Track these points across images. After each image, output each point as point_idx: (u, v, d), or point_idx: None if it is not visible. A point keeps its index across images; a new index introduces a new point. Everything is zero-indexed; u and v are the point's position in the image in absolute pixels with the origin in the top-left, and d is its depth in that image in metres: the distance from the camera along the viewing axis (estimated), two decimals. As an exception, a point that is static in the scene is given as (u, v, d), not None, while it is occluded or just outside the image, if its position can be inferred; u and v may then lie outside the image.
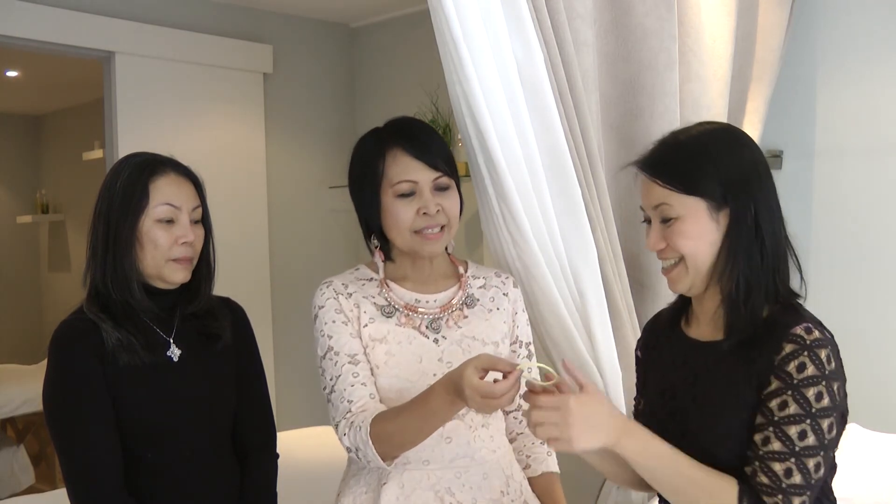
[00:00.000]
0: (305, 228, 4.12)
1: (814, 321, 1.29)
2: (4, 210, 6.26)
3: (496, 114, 1.66)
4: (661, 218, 1.36)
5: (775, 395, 1.23)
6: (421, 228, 1.56)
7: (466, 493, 1.56)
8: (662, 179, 1.34)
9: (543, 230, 1.77)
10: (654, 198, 1.35)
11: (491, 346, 1.62)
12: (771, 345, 1.26)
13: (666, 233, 1.36)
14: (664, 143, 1.40)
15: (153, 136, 3.50)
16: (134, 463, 1.54)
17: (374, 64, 4.26)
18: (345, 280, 1.63)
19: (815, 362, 1.22)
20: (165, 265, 1.56)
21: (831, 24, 2.62)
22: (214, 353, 1.64)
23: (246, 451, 1.69)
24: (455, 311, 1.62)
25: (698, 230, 1.33)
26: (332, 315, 1.58)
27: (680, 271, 1.37)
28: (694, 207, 1.32)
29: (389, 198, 1.56)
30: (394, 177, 1.56)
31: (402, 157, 1.56)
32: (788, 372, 1.23)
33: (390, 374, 1.54)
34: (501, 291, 1.69)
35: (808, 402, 1.21)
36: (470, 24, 1.60)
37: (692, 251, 1.34)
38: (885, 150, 2.54)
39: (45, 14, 3.28)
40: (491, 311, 1.65)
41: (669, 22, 2.03)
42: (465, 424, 1.58)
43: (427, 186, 1.56)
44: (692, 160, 1.35)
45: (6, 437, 4.68)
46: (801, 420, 1.21)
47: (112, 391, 1.52)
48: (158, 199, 1.54)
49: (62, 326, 1.55)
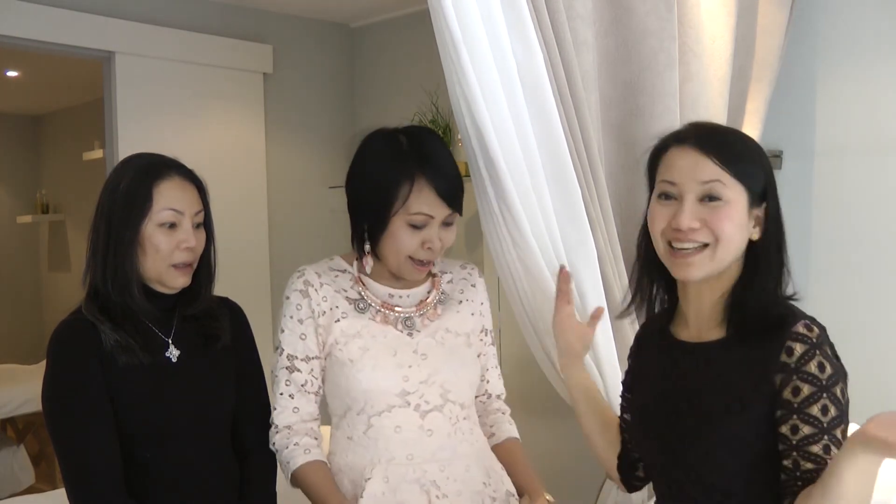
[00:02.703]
0: (305, 228, 4.12)
1: (807, 316, 1.29)
2: (4, 210, 6.26)
3: (496, 114, 1.66)
4: (707, 195, 1.29)
5: (814, 401, 1.21)
6: (418, 259, 1.58)
7: (451, 485, 1.57)
8: (718, 158, 1.29)
9: (543, 230, 1.77)
10: (707, 173, 1.29)
11: (463, 338, 1.67)
12: (773, 343, 1.25)
13: (705, 213, 1.29)
14: (706, 125, 1.38)
15: (153, 136, 3.50)
16: (133, 463, 1.54)
17: (374, 64, 4.26)
18: (319, 269, 1.65)
19: (828, 359, 1.23)
20: (166, 270, 1.55)
21: (831, 25, 2.62)
22: (213, 354, 1.64)
23: (245, 451, 1.69)
24: (430, 310, 1.66)
25: (740, 219, 1.30)
26: (292, 310, 1.61)
27: (704, 256, 1.30)
28: (739, 196, 1.29)
29: (400, 224, 1.55)
30: (413, 207, 1.54)
31: (427, 192, 1.54)
32: (814, 374, 1.21)
33: (366, 367, 1.56)
34: (469, 283, 1.76)
35: (839, 400, 1.22)
36: (470, 25, 1.60)
37: (729, 237, 1.29)
38: (885, 150, 2.54)
39: (45, 14, 3.28)
40: (461, 302, 1.71)
41: (669, 22, 2.02)
42: (445, 416, 1.60)
43: (438, 222, 1.57)
44: (745, 147, 1.33)
45: (6, 437, 4.68)
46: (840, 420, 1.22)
47: (111, 392, 1.52)
48: (162, 203, 1.54)
49: (61, 327, 1.55)
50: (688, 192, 1.30)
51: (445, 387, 1.60)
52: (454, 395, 1.62)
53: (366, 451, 1.57)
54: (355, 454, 1.58)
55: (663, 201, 1.34)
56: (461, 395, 1.64)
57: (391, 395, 1.56)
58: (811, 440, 1.21)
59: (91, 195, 1.62)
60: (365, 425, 1.57)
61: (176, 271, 1.56)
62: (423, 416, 1.57)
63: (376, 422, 1.56)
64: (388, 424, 1.56)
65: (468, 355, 1.67)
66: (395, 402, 1.56)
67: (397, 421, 1.56)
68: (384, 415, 1.56)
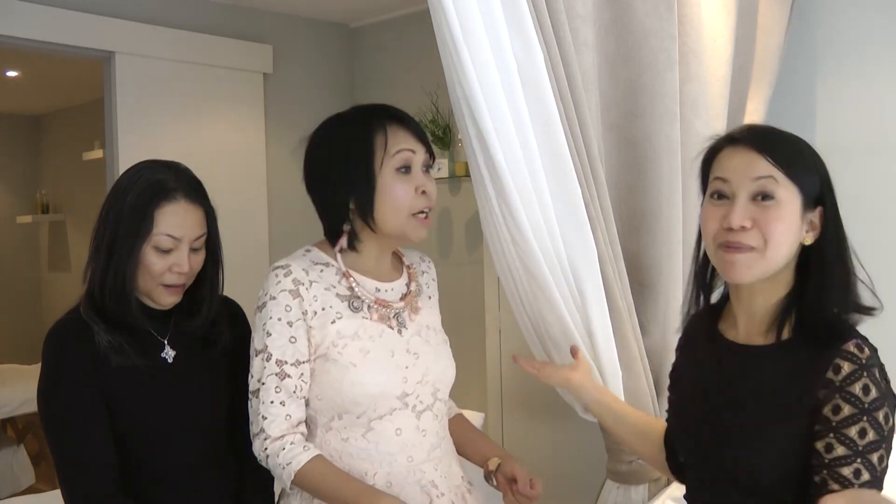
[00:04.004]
0: (305, 228, 4.10)
1: (860, 336, 1.26)
2: (4, 210, 6.26)
3: (496, 114, 1.66)
4: (760, 193, 1.27)
5: (853, 423, 1.19)
6: (419, 209, 1.54)
7: (445, 482, 1.58)
8: (772, 156, 1.27)
9: (543, 230, 1.77)
10: (760, 169, 1.27)
11: (440, 334, 1.68)
12: (821, 358, 1.23)
13: (757, 212, 1.27)
14: (761, 126, 1.38)
15: (153, 136, 3.50)
16: (130, 464, 1.54)
17: (374, 64, 4.26)
18: (303, 265, 1.57)
19: (875, 383, 1.21)
20: (155, 288, 1.56)
21: (831, 24, 2.62)
22: (211, 355, 1.64)
23: (245, 452, 1.68)
24: (414, 304, 1.64)
25: (792, 222, 1.27)
26: (281, 312, 1.51)
27: (752, 258, 1.27)
28: (792, 196, 1.27)
29: (389, 172, 1.53)
30: (393, 147, 1.52)
31: (401, 131, 1.55)
32: (857, 396, 1.19)
33: (369, 371, 1.53)
34: (430, 276, 1.75)
35: (880, 425, 1.19)
36: (470, 25, 1.60)
37: (781, 239, 1.26)
38: (885, 149, 2.54)
39: (45, 14, 3.28)
40: (430, 297, 1.71)
41: (669, 22, 2.02)
42: (434, 415, 1.60)
43: (420, 164, 1.56)
44: (799, 150, 1.32)
45: (6, 437, 4.68)
46: (878, 446, 1.19)
47: (105, 392, 1.52)
48: (161, 228, 1.53)
49: (56, 327, 1.55)
50: (741, 189, 1.28)
51: (436, 385, 1.60)
52: (442, 393, 1.63)
53: (364, 454, 1.54)
54: (352, 458, 1.54)
55: (716, 201, 1.32)
56: (445, 393, 1.65)
57: (393, 398, 1.54)
58: (843, 461, 1.19)
59: (91, 195, 1.62)
60: (364, 428, 1.53)
61: (165, 290, 1.56)
62: (418, 416, 1.57)
63: (377, 425, 1.53)
64: (389, 427, 1.54)
65: (446, 352, 1.67)
66: (396, 404, 1.54)
67: (397, 423, 1.54)
68: (385, 418, 1.53)
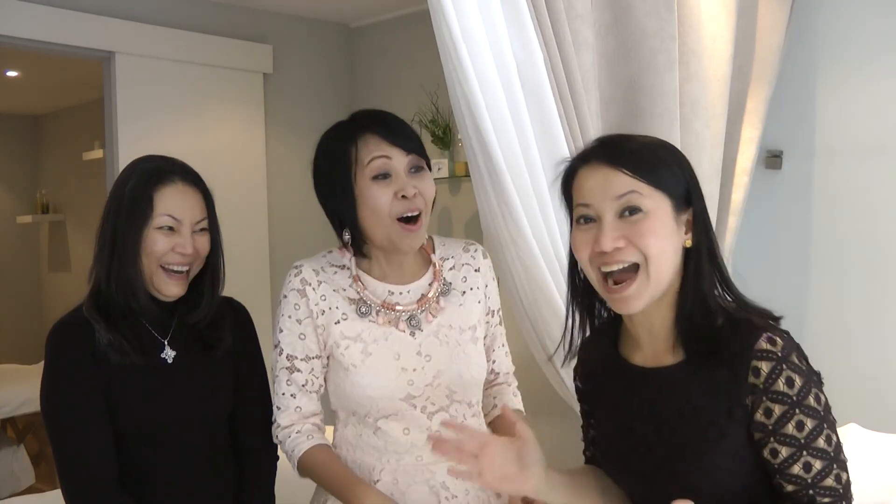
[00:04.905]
0: (305, 228, 4.12)
1: (767, 326, 1.20)
2: (4, 210, 6.26)
3: (496, 114, 1.66)
4: (626, 209, 1.20)
5: (787, 420, 1.16)
6: (400, 214, 1.51)
7: (459, 485, 1.55)
8: (629, 168, 1.20)
9: (543, 230, 1.77)
10: (620, 186, 1.20)
11: (469, 332, 1.60)
12: (738, 364, 1.18)
13: (627, 229, 1.20)
14: (610, 137, 1.30)
15: (153, 136, 3.51)
16: (130, 463, 1.54)
17: (374, 64, 4.26)
18: (316, 266, 1.60)
19: (797, 370, 1.16)
20: (157, 272, 1.54)
21: (831, 24, 2.62)
22: (211, 355, 1.64)
23: (246, 452, 1.68)
24: (432, 304, 1.59)
25: (666, 230, 1.21)
26: (290, 309, 1.57)
27: (640, 284, 1.20)
28: (661, 204, 1.20)
29: (364, 182, 1.51)
30: (365, 157, 1.50)
31: (373, 139, 1.52)
32: (783, 392, 1.15)
33: (368, 373, 1.52)
34: (473, 268, 1.65)
35: (814, 409, 1.16)
36: (470, 25, 1.60)
37: (658, 252, 1.19)
38: (885, 150, 2.54)
39: (45, 14, 3.28)
40: (465, 293, 1.63)
41: (669, 22, 2.03)
42: (451, 416, 1.57)
43: (402, 168, 1.52)
44: (656, 154, 1.24)
45: (6, 437, 4.68)
46: (821, 429, 1.16)
47: (105, 390, 1.52)
48: (161, 209, 1.54)
49: (57, 325, 1.56)
50: (605, 210, 1.21)
51: (451, 388, 1.57)
52: (460, 395, 1.58)
53: (374, 450, 1.54)
54: (364, 452, 1.55)
55: (583, 225, 1.24)
56: (468, 394, 1.60)
57: (396, 401, 1.53)
58: (790, 461, 1.16)
59: (91, 195, 1.63)
60: (373, 427, 1.54)
61: (167, 276, 1.55)
62: (429, 417, 1.55)
63: (384, 424, 1.54)
64: (397, 427, 1.53)
65: (474, 352, 1.60)
66: (402, 406, 1.53)
67: (405, 424, 1.54)
68: (392, 418, 1.53)
